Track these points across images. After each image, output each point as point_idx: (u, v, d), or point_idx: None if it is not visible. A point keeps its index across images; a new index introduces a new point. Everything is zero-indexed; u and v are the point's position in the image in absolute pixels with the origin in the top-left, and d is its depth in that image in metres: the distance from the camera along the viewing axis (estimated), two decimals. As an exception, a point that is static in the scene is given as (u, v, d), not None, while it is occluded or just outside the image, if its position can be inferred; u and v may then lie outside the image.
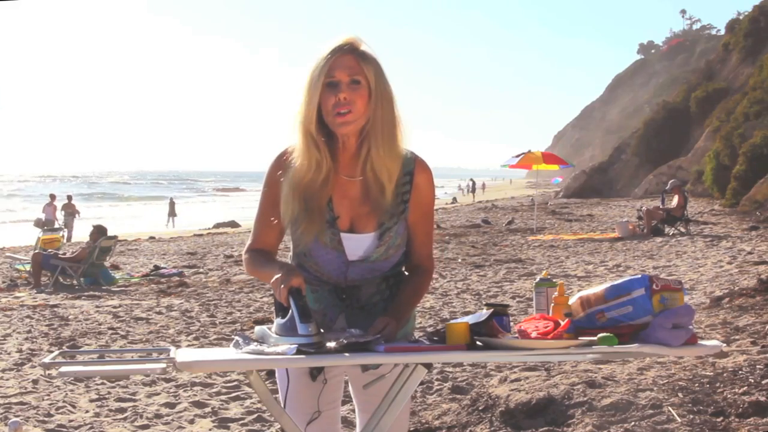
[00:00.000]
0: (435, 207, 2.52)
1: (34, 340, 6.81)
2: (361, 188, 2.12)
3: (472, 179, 54.04)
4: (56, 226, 18.55)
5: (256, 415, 4.53)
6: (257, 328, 1.96)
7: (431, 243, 2.25)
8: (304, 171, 2.06)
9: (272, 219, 2.14)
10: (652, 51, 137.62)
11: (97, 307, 8.73)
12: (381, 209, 2.10)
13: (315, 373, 2.14)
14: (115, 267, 12.98)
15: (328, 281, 2.15)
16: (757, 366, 4.12)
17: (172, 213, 32.36)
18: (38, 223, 18.20)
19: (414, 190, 2.13)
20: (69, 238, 20.16)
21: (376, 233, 2.10)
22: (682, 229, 14.76)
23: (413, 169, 2.14)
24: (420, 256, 2.21)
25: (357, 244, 2.10)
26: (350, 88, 2.01)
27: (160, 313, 8.19)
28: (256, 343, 1.93)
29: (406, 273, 2.24)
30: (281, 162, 2.13)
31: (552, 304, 2.13)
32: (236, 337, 1.99)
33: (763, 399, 3.60)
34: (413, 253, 2.21)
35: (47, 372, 5.36)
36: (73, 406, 4.75)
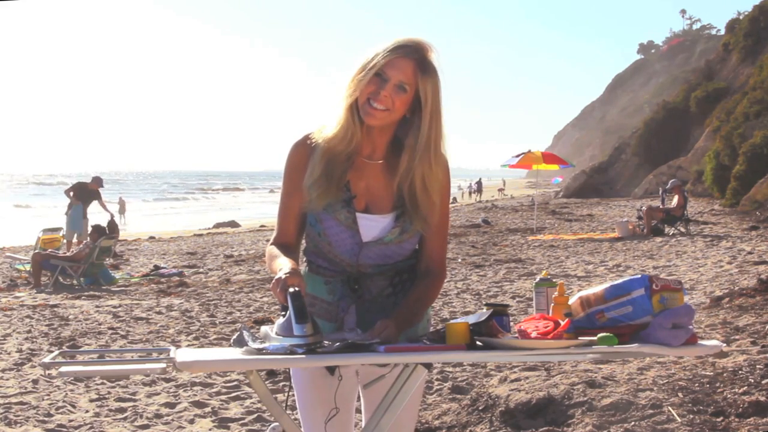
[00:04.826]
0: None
1: (34, 340, 6.81)
2: (379, 171, 2.15)
3: (480, 180, 53.19)
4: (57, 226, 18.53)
5: (256, 415, 4.53)
6: (262, 328, 1.97)
7: (444, 246, 2.23)
8: (338, 139, 2.09)
9: (292, 207, 2.16)
10: (652, 51, 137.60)
11: (97, 307, 8.73)
12: (416, 213, 2.12)
13: (332, 367, 2.15)
14: (115, 267, 12.99)
15: (340, 265, 2.15)
16: (757, 366, 4.12)
17: (122, 211, 32.40)
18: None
19: None
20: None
21: (392, 215, 2.13)
22: (682, 229, 14.77)
23: None
24: (430, 258, 2.19)
25: (372, 225, 2.12)
26: (395, 90, 2.02)
27: (160, 313, 8.20)
28: (259, 341, 1.93)
29: (417, 276, 2.22)
30: (298, 151, 2.15)
31: (552, 304, 2.13)
32: (242, 331, 1.99)
33: (763, 399, 3.60)
34: (423, 253, 2.20)
35: (47, 372, 5.36)
36: (73, 406, 4.75)
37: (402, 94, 2.02)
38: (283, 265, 2.00)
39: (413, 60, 2.02)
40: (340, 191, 2.10)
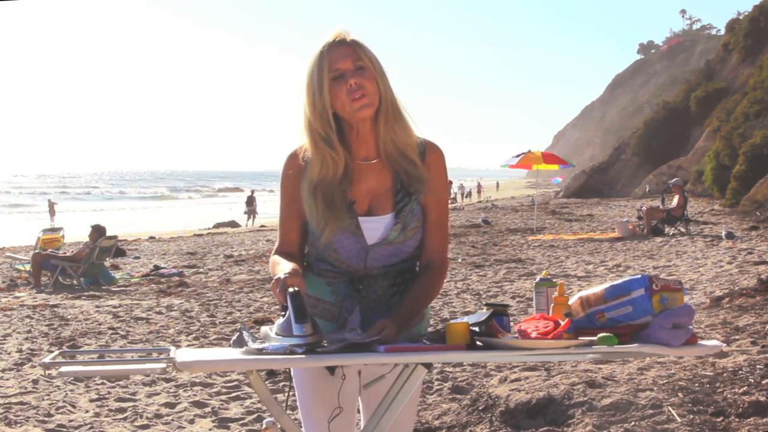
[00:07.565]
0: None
1: (34, 340, 6.81)
2: (377, 170, 2.14)
3: (461, 184, 53.01)
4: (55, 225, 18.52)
5: (256, 415, 4.53)
6: (262, 328, 1.97)
7: (444, 238, 2.21)
8: (318, 170, 2.08)
9: (292, 217, 2.16)
10: (652, 51, 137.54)
11: (97, 307, 8.73)
12: (412, 179, 2.12)
13: (332, 367, 2.15)
14: (115, 267, 12.99)
15: (347, 270, 2.14)
16: (757, 366, 4.12)
17: (51, 213, 31.74)
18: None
19: (426, 171, 2.15)
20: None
21: (393, 213, 2.12)
22: (682, 229, 14.76)
23: (425, 150, 2.16)
24: (431, 251, 2.18)
25: (375, 227, 2.11)
26: (357, 74, 2.03)
27: (160, 313, 8.20)
28: (259, 341, 1.93)
29: (419, 271, 2.21)
30: (293, 162, 2.15)
31: (552, 304, 2.12)
32: (242, 331, 1.99)
33: (763, 399, 3.60)
34: (424, 246, 2.18)
35: (47, 372, 5.36)
36: (73, 406, 4.75)
37: (364, 73, 2.04)
38: (284, 268, 2.00)
39: (344, 44, 2.06)
40: (345, 209, 2.10)
